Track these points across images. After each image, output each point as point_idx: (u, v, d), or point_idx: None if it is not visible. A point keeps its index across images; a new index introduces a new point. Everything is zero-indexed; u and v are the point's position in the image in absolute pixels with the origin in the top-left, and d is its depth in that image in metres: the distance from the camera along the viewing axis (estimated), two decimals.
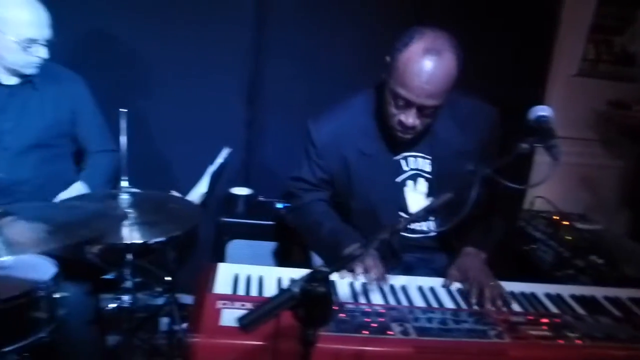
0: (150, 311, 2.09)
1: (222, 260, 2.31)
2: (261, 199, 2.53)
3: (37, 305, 1.52)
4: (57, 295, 1.58)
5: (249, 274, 1.54)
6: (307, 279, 0.97)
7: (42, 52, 1.88)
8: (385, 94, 1.59)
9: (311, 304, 0.97)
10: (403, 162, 1.73)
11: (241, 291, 1.45)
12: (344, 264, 1.13)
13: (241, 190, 2.47)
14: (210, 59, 2.46)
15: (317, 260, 1.90)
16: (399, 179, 1.73)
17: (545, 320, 1.44)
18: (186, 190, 2.19)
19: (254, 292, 1.46)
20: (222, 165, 2.22)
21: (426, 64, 1.47)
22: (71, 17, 2.20)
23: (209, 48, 2.44)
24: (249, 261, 1.63)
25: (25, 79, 1.96)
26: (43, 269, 1.62)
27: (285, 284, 1.52)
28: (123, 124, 1.58)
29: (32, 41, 1.85)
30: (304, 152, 1.79)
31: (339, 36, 2.52)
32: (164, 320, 2.30)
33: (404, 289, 1.55)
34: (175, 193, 2.03)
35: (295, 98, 2.53)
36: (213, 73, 2.48)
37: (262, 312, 0.94)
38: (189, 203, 1.83)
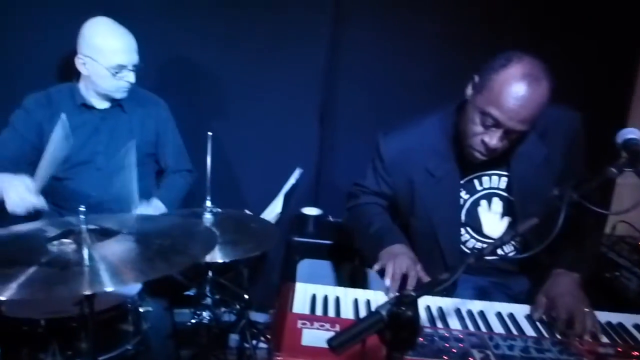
0: (222, 327, 2.14)
1: (292, 279, 2.35)
2: (331, 219, 2.56)
3: (126, 318, 1.61)
4: (142, 310, 1.68)
5: (325, 294, 1.56)
6: (395, 303, 0.98)
7: (131, 77, 2.01)
8: (468, 112, 1.58)
9: (398, 328, 0.97)
10: (476, 182, 1.72)
11: (319, 311, 1.47)
12: (432, 288, 1.12)
13: (311, 211, 2.51)
14: (284, 80, 2.53)
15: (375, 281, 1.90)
16: (471, 200, 1.71)
17: (636, 353, 1.36)
18: (258, 209, 2.25)
19: (331, 313, 1.47)
20: (294, 186, 2.27)
21: (524, 88, 1.46)
22: (155, 44, 2.33)
23: (283, 70, 2.51)
24: (320, 281, 1.66)
25: (116, 102, 2.10)
26: None
27: (362, 305, 1.53)
28: (209, 146, 1.65)
29: (121, 67, 1.98)
30: (371, 163, 1.83)
31: (411, 58, 2.53)
32: (234, 337, 2.36)
33: (481, 314, 1.52)
34: (247, 212, 2.09)
35: (366, 119, 2.56)
36: (287, 94, 2.55)
37: (351, 334, 0.96)
38: (268, 223, 1.88)
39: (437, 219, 1.71)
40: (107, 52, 1.96)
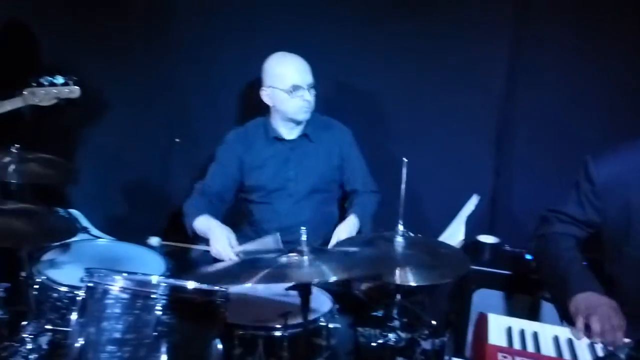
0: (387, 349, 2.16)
1: (467, 308, 2.31)
2: (507, 248, 2.46)
3: (320, 333, 1.72)
4: (331, 326, 1.77)
5: (521, 329, 1.51)
6: (635, 347, 0.92)
7: (307, 96, 2.16)
8: None
9: None
10: None
11: (517, 345, 1.43)
12: None
13: (488, 239, 2.44)
14: (460, 105, 2.52)
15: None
16: None
17: None
18: (432, 235, 2.25)
19: (530, 348, 1.42)
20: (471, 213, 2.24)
21: None
22: (330, 71, 2.48)
23: (459, 95, 2.50)
24: (496, 312, 1.59)
25: (302, 132, 2.28)
26: (321, 300, 1.83)
27: (563, 344, 1.45)
28: (404, 172, 1.71)
29: (297, 87, 2.14)
30: (575, 187, 1.72)
31: (598, 80, 2.37)
32: None
33: None
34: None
35: (546, 145, 2.45)
36: (462, 119, 2.53)
37: None
38: (458, 250, 1.88)
39: None
40: (283, 76, 2.15)
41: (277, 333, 1.62)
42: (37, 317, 1.92)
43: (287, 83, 2.14)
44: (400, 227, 1.72)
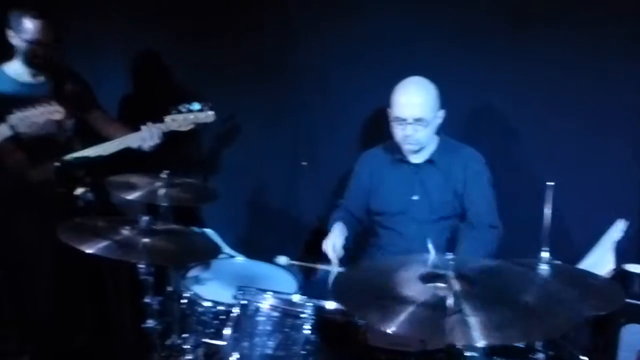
0: None
1: (614, 345, 2.12)
2: None
3: None
4: (467, 354, 1.70)
5: None
6: None
7: (409, 130, 2.14)
8: None
9: None
10: None
11: None
12: None
13: (637, 268, 2.23)
14: (604, 125, 2.35)
15: None
16: None
17: None
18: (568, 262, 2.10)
19: None
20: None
21: None
22: (465, 94, 2.44)
23: (603, 114, 2.35)
24: None
25: (429, 157, 2.25)
26: None
27: None
28: (549, 196, 1.63)
29: (400, 119, 2.14)
30: None
31: None
32: None
33: None
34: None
35: None
36: (607, 139, 2.35)
37: None
38: (609, 281, 1.74)
39: None
40: (393, 105, 2.17)
41: (416, 358, 1.59)
42: (182, 330, 2.08)
43: (394, 113, 2.17)
44: (545, 254, 1.63)
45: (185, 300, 2.04)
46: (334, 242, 2.12)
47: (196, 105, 2.63)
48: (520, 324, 1.20)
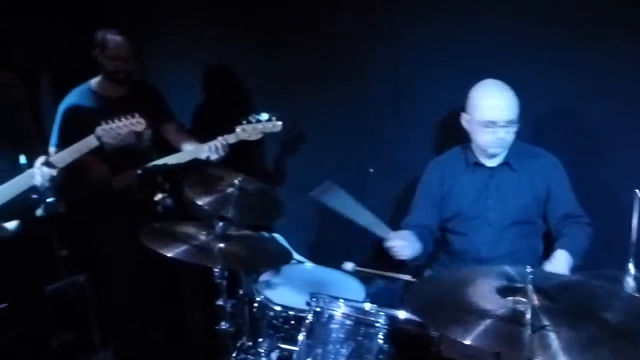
0: None
1: None
2: None
3: None
4: None
5: None
6: None
7: (501, 133, 2.07)
8: None
9: None
10: None
11: None
12: None
13: None
14: None
15: None
16: None
17: None
18: None
19: None
20: None
21: None
22: (541, 96, 2.35)
23: None
24: None
25: (504, 160, 2.19)
26: None
27: None
28: (636, 205, 1.55)
29: (491, 123, 2.07)
30: None
31: None
32: None
33: None
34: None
35: None
36: None
37: None
38: None
39: None
40: (481, 109, 2.09)
41: None
42: (252, 332, 2.14)
43: (484, 117, 2.10)
44: (631, 267, 1.55)
45: (257, 304, 2.10)
46: (401, 235, 2.10)
47: (264, 116, 2.72)
48: (610, 344, 1.13)
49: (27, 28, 3.10)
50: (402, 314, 1.55)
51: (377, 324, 1.43)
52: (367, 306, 1.57)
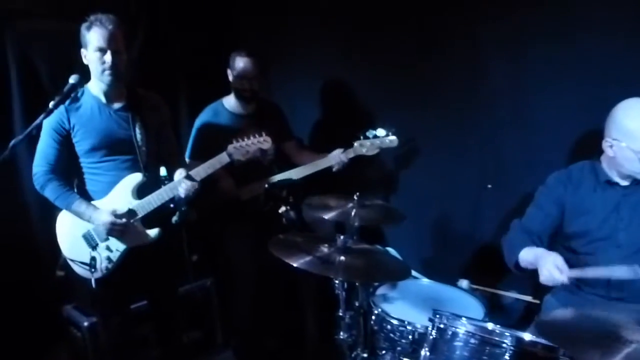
0: None
1: None
2: None
3: None
4: None
5: None
6: None
7: None
8: None
9: None
10: None
11: None
12: None
13: None
14: None
15: None
16: None
17: None
18: None
19: None
20: None
21: None
22: None
23: None
24: None
25: (638, 180, 2.05)
26: None
27: None
28: None
29: None
30: None
31: None
32: None
33: None
34: None
35: None
36: None
37: None
38: None
39: None
40: (637, 136, 1.94)
41: None
42: (366, 344, 2.19)
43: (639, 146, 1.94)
44: None
45: (374, 317, 2.15)
46: (555, 263, 1.93)
47: (381, 131, 2.79)
48: None
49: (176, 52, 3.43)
50: (527, 336, 1.51)
51: (503, 345, 1.41)
52: (490, 325, 1.55)
